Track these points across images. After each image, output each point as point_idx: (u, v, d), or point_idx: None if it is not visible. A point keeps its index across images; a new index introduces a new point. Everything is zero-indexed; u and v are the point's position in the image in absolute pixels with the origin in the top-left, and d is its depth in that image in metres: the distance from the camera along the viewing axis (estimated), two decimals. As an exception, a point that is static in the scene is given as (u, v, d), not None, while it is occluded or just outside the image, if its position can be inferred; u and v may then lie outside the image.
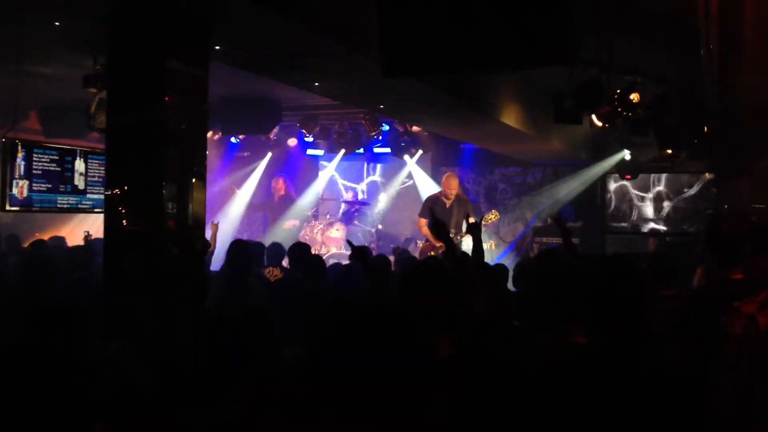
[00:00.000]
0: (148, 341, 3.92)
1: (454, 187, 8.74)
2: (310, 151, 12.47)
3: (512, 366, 2.75)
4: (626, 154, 10.63)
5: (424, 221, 8.74)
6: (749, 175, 9.04)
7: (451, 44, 3.50)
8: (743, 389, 2.33)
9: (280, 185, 11.57)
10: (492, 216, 8.55)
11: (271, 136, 11.80)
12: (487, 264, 5.05)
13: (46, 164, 5.75)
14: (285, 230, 11.14)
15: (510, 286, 5.24)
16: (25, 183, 5.60)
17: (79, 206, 6.12)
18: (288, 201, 11.57)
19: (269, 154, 12.77)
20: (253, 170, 12.83)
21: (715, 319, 2.62)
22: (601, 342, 2.30)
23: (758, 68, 6.37)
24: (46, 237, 7.82)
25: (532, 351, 3.15)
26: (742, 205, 8.40)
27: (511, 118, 8.14)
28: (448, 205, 8.69)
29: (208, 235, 7.06)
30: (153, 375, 3.15)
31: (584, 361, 2.31)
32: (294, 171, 13.13)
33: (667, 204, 11.09)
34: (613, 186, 11.30)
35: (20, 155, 5.60)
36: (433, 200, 8.92)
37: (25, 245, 7.17)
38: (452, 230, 8.55)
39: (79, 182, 6.01)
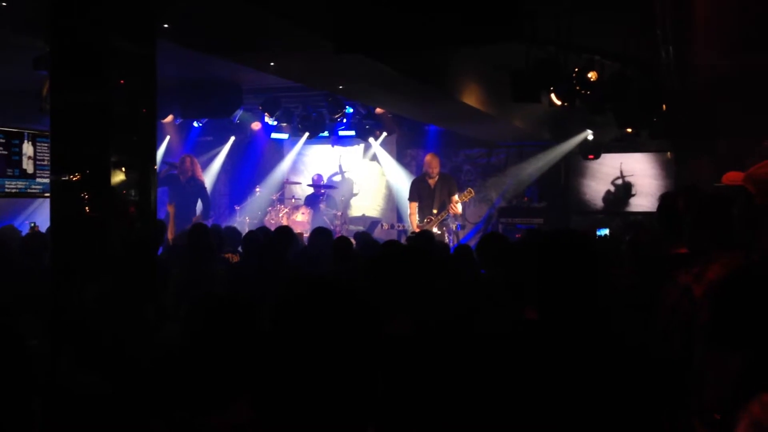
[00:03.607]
0: (100, 330, 3.84)
1: (435, 166, 8.93)
2: (274, 135, 12.38)
3: (466, 343, 2.75)
4: (589, 134, 10.71)
5: (415, 205, 8.91)
6: (709, 154, 9.14)
7: (400, 20, 3.46)
8: (677, 357, 2.35)
9: (187, 165, 9.72)
10: (467, 194, 8.72)
11: (236, 120, 11.63)
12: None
13: (-9, 148, 5.60)
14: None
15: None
16: (-30, 168, 5.45)
17: (28, 191, 5.97)
18: (194, 186, 9.69)
19: (232, 138, 12.64)
20: (216, 155, 12.70)
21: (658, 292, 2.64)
22: (551, 318, 2.28)
23: (713, 46, 6.42)
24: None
25: (486, 328, 3.15)
26: (702, 184, 8.50)
27: (471, 97, 8.12)
28: (432, 185, 8.86)
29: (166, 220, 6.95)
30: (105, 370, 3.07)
31: (534, 338, 2.30)
32: (258, 155, 13.02)
33: (632, 182, 11.21)
34: (579, 165, 11.39)
35: (-36, 139, 5.45)
36: (419, 182, 9.10)
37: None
38: (435, 210, 8.65)
39: (28, 166, 5.86)
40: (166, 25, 4.81)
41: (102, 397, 2.87)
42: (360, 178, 12.81)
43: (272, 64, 6.52)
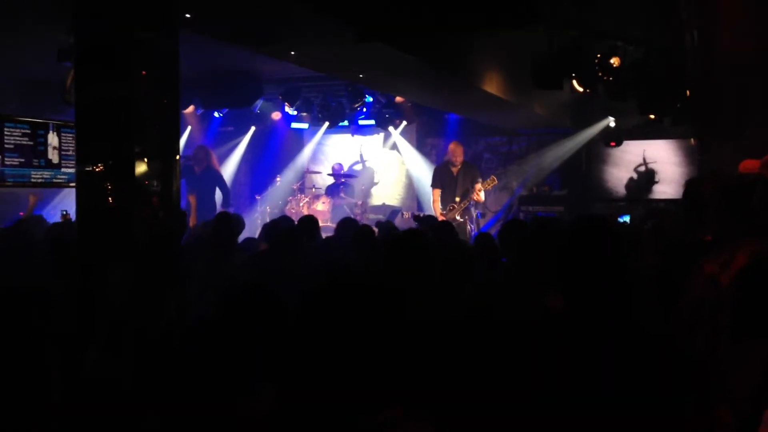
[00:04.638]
0: (124, 318, 3.89)
1: (459, 155, 8.93)
2: (294, 125, 12.42)
3: (489, 330, 2.75)
4: (611, 121, 10.60)
5: (438, 192, 8.91)
6: (733, 140, 9.01)
7: (421, 8, 3.46)
8: (702, 348, 2.32)
9: (201, 155, 9.31)
10: (490, 181, 8.71)
11: (257, 110, 11.67)
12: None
13: (18, 138, 5.67)
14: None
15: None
16: (-4, 158, 5.52)
17: (54, 180, 6.04)
18: (211, 176, 9.35)
19: (253, 128, 12.68)
20: (237, 144, 12.76)
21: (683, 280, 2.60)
22: (576, 305, 2.27)
23: (738, 30, 6.32)
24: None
25: (509, 316, 3.15)
26: (727, 170, 8.38)
27: (492, 85, 8.07)
28: (455, 173, 8.85)
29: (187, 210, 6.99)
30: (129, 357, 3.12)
31: (558, 325, 2.30)
32: (278, 144, 13.06)
33: (655, 169, 11.08)
34: (601, 152, 11.28)
35: (-9, 130, 5.52)
36: (441, 169, 9.08)
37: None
38: (458, 197, 8.69)
39: (53, 156, 5.93)
40: (188, 15, 4.83)
41: (126, 384, 2.91)
42: (380, 167, 12.81)
43: (293, 53, 6.51)
